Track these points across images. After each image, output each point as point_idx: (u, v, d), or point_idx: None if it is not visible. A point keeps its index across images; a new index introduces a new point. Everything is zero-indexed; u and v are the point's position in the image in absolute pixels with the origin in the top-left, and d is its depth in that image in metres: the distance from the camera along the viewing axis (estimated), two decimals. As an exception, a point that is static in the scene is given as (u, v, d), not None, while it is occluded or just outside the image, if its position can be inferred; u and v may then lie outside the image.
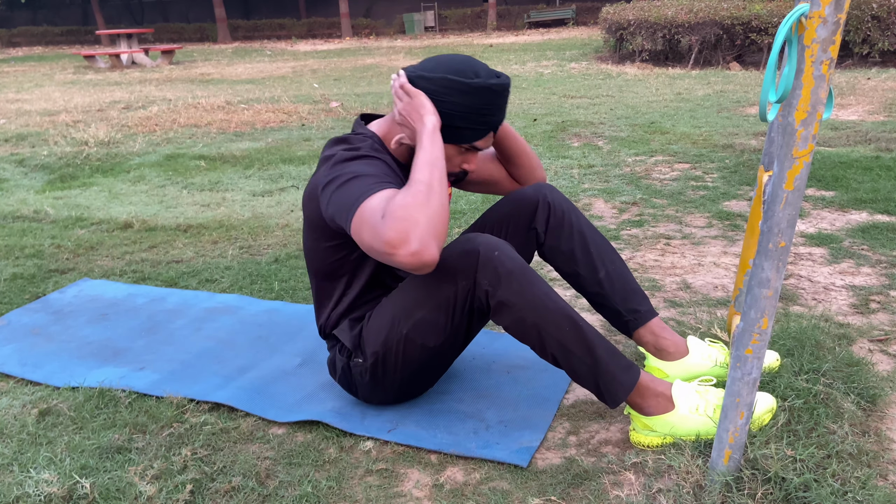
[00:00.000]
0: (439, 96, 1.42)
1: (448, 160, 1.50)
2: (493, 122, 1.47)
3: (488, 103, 1.43)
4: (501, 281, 1.40)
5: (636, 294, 1.70)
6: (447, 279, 1.44)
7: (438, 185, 1.31)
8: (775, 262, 1.11)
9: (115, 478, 1.44)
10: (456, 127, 1.44)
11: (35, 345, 2.08)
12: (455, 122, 1.43)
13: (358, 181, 1.36)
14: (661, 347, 1.68)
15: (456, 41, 17.39)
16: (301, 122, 6.15)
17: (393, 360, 1.53)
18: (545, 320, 1.41)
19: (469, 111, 1.42)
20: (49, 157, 4.88)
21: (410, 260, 1.22)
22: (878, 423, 1.51)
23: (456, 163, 1.52)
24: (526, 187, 1.73)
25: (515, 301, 1.41)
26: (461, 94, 1.41)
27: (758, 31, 8.84)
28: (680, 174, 3.76)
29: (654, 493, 1.33)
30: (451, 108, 1.42)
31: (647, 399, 1.46)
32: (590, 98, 6.89)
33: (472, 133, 1.46)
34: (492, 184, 1.79)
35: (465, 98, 1.41)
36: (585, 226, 1.71)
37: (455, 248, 1.45)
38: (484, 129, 1.46)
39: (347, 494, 1.40)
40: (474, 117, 1.44)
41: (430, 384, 1.67)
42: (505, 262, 1.41)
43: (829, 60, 0.98)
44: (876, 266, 2.39)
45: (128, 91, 9.10)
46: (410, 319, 1.48)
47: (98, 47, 21.22)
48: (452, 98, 1.41)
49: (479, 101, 1.42)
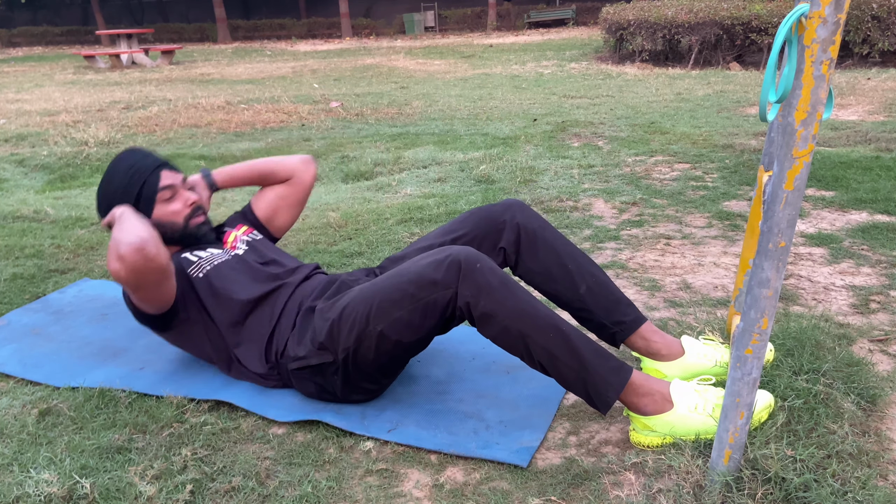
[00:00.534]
0: (108, 202, 1.74)
1: (175, 214, 1.78)
2: (144, 180, 1.73)
3: (125, 181, 1.73)
4: (482, 293, 1.42)
5: (620, 304, 1.67)
6: (427, 287, 1.46)
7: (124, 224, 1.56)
8: (775, 262, 1.11)
9: (115, 478, 1.44)
10: (136, 197, 1.73)
11: (35, 345, 2.08)
12: (129, 195, 1.73)
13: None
14: (654, 351, 1.68)
15: (456, 41, 17.39)
16: (301, 122, 6.15)
17: (364, 353, 1.54)
18: (530, 328, 1.42)
19: (125, 179, 1.73)
20: (49, 157, 4.88)
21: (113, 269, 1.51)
22: (878, 423, 1.51)
23: (179, 209, 1.78)
24: (494, 205, 1.76)
25: (499, 311, 1.42)
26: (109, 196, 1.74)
27: (758, 31, 8.84)
28: (680, 174, 3.76)
29: (654, 493, 1.33)
30: (119, 199, 1.72)
31: (642, 397, 1.45)
32: (590, 98, 6.90)
33: (147, 187, 1.74)
34: (280, 201, 2.04)
35: (115, 179, 1.74)
36: (560, 243, 1.69)
37: (435, 257, 1.47)
38: (145, 185, 1.73)
39: (347, 494, 1.40)
40: (133, 179, 1.73)
41: (398, 373, 1.70)
42: (486, 275, 1.44)
43: (829, 60, 0.98)
44: (876, 266, 2.39)
45: (128, 91, 9.10)
46: (387, 318, 1.49)
47: (98, 47, 21.22)
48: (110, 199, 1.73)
49: (120, 168, 1.74)
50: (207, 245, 1.83)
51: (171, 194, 1.77)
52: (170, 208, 1.77)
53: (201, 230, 1.82)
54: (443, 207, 3.25)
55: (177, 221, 1.78)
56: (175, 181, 1.78)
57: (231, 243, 1.88)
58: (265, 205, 2.03)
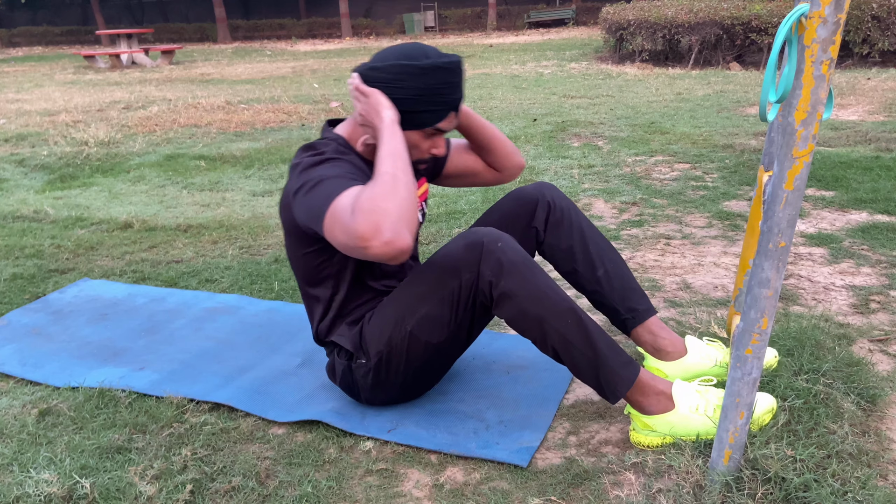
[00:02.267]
0: (393, 84, 1.42)
1: (415, 147, 1.49)
2: (451, 100, 1.45)
3: (442, 82, 1.42)
4: (504, 271, 1.41)
5: (635, 293, 1.70)
6: (451, 272, 1.45)
7: (403, 175, 1.30)
8: (775, 262, 1.11)
9: (115, 478, 1.44)
10: (415, 112, 1.44)
11: (35, 345, 2.08)
12: (413, 107, 1.43)
13: (324, 184, 1.37)
14: (660, 347, 1.68)
15: (456, 41, 17.39)
16: (301, 122, 6.15)
17: (397, 358, 1.53)
18: (548, 311, 1.41)
19: (424, 93, 1.42)
20: (49, 157, 4.88)
21: (385, 250, 1.22)
22: (878, 423, 1.51)
23: (424, 149, 1.51)
24: (527, 186, 1.74)
25: (518, 292, 1.41)
26: (414, 77, 1.41)
27: (758, 31, 8.84)
28: (680, 174, 3.76)
29: (654, 493, 1.33)
30: (406, 93, 1.41)
31: (648, 397, 1.46)
32: (590, 98, 6.90)
33: (431, 115, 1.45)
34: (470, 175, 1.79)
35: (419, 80, 1.41)
36: (585, 224, 1.71)
37: (458, 242, 1.46)
38: (443, 109, 1.45)
39: (347, 494, 1.40)
40: (430, 98, 1.43)
41: (432, 383, 1.68)
42: (508, 253, 1.42)
43: (829, 60, 0.98)
44: (876, 266, 2.39)
45: (128, 91, 9.10)
46: (415, 316, 1.49)
47: (98, 47, 21.22)
48: (406, 83, 1.41)
49: (432, 81, 1.41)
50: None
51: (434, 134, 1.50)
52: (420, 141, 1.49)
53: (415, 169, 1.58)
54: (443, 207, 3.25)
55: (411, 153, 1.51)
56: (448, 127, 1.51)
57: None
58: (462, 165, 1.78)
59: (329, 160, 1.44)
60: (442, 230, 2.97)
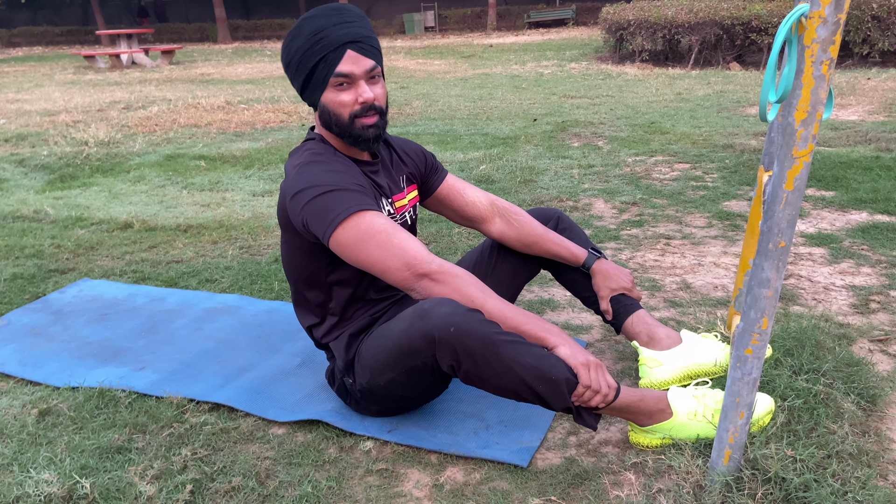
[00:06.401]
0: (286, 61, 1.47)
1: (340, 105, 1.46)
2: (335, 39, 1.42)
3: (318, 28, 1.43)
4: (462, 359, 1.35)
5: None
6: (410, 355, 1.41)
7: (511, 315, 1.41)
8: (775, 262, 1.11)
9: (115, 478, 1.44)
10: (312, 72, 1.44)
11: (35, 345, 2.08)
12: (307, 68, 1.44)
13: (335, 195, 1.40)
14: (654, 335, 1.71)
15: (456, 41, 17.39)
16: (301, 122, 6.15)
17: (380, 394, 1.54)
18: (516, 383, 1.36)
19: (305, 47, 1.43)
20: (49, 157, 4.88)
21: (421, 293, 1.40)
22: (878, 423, 1.51)
23: (348, 102, 1.46)
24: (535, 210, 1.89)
25: (482, 373, 1.36)
26: (293, 41, 1.45)
27: (758, 31, 8.84)
28: (680, 174, 3.76)
29: (654, 493, 1.33)
30: (294, 58, 1.45)
31: (641, 418, 1.46)
32: (590, 98, 6.89)
33: (324, 65, 1.43)
34: (453, 215, 1.83)
35: (296, 41, 1.44)
36: (578, 229, 1.89)
37: (413, 325, 1.39)
38: (331, 52, 1.42)
39: (347, 494, 1.40)
40: (312, 48, 1.42)
41: (424, 403, 1.65)
42: (463, 340, 1.33)
43: (829, 60, 0.98)
44: (876, 266, 2.39)
45: (128, 91, 9.10)
46: (384, 376, 1.49)
47: (98, 47, 21.22)
48: (291, 51, 1.45)
49: (307, 31, 1.43)
50: (382, 195, 1.62)
51: (345, 82, 1.45)
52: (339, 98, 1.46)
53: (367, 133, 1.50)
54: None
55: (342, 114, 1.47)
56: (355, 69, 1.44)
57: (399, 207, 1.68)
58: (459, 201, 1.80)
59: (323, 163, 1.47)
60: (442, 230, 2.97)
